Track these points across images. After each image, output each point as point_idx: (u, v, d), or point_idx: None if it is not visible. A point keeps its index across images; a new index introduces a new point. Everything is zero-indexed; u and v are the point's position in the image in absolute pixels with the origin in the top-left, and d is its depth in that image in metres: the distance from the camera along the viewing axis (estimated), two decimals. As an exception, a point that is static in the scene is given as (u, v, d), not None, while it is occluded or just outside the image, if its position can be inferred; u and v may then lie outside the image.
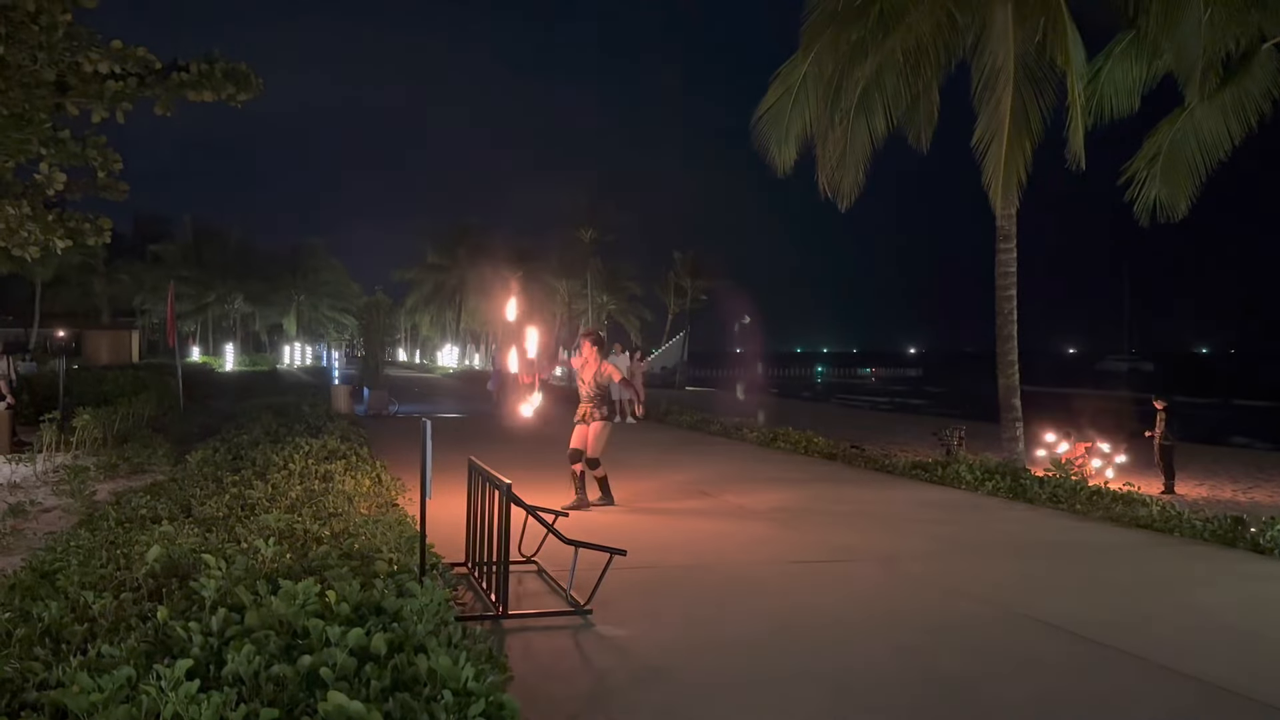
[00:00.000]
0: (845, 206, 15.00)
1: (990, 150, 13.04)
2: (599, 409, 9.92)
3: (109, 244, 10.98)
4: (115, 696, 3.06)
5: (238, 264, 63.97)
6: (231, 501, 7.01)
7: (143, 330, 61.29)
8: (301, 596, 3.92)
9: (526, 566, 6.96)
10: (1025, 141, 12.98)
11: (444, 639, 3.82)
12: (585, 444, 9.84)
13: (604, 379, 9.94)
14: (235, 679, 3.27)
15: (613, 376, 9.98)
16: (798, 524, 9.12)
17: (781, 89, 14.56)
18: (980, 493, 11.10)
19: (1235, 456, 22.87)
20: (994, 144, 12.98)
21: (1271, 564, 7.55)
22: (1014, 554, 7.95)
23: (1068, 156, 12.58)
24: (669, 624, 5.64)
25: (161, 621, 3.79)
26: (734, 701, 4.42)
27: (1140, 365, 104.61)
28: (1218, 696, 4.56)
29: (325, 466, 9.15)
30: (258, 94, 9.68)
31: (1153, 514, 9.16)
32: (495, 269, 64.16)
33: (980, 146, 13.25)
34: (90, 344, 54.07)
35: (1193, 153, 13.56)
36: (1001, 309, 14.33)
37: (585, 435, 9.86)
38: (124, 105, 9.14)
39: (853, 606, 6.14)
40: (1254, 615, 6.05)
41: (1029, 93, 13.08)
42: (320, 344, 78.23)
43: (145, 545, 5.04)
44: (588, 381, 9.97)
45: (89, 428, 13.96)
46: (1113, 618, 5.90)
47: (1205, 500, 14.73)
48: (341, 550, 5.33)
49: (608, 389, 10.04)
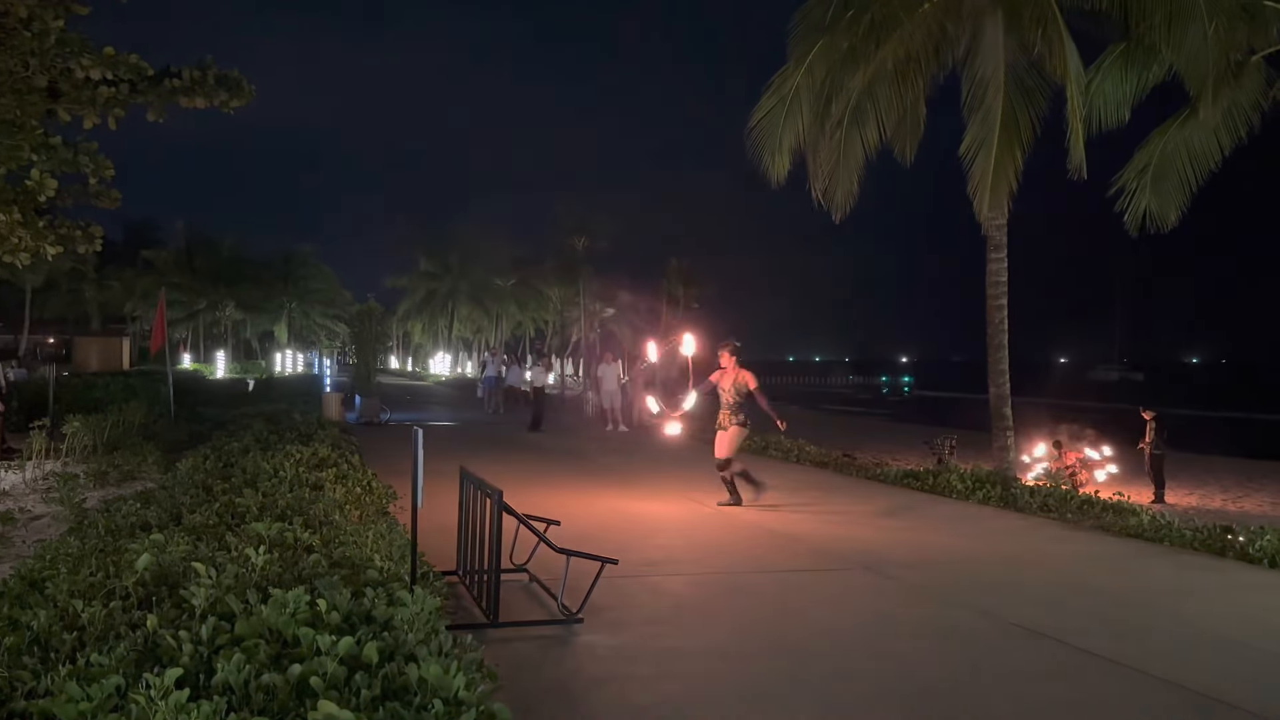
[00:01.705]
0: (840, 217, 15.03)
1: (978, 159, 13.07)
2: (735, 415, 10.57)
3: (100, 251, 10.94)
4: (104, 705, 3.04)
5: (229, 271, 63.80)
6: (222, 509, 6.97)
7: (134, 337, 61.04)
8: (292, 605, 3.90)
9: (518, 575, 6.95)
10: (1015, 150, 13.02)
11: (435, 648, 3.80)
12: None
13: (742, 386, 10.53)
14: (225, 688, 3.26)
15: (749, 384, 10.57)
16: (789, 531, 9.12)
17: (775, 99, 14.58)
18: (971, 502, 11.13)
19: (1225, 466, 22.97)
20: (982, 153, 13.02)
21: (1260, 573, 7.58)
22: (1002, 562, 7.97)
23: (1069, 166, 12.64)
24: (660, 633, 5.64)
25: (151, 630, 3.77)
26: (725, 712, 4.42)
27: (1130, 375, 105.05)
28: (1205, 706, 4.57)
29: (316, 474, 9.12)
30: (250, 100, 9.67)
31: (1143, 523, 9.19)
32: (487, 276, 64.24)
33: (968, 155, 13.29)
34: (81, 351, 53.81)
35: (1183, 164, 13.63)
36: (992, 318, 14.36)
37: (723, 440, 10.54)
38: (116, 112, 9.13)
39: (842, 614, 6.15)
40: (1242, 625, 6.07)
41: (1019, 102, 13.14)
42: (312, 351, 78.04)
43: (135, 553, 5.01)
44: (726, 389, 10.61)
45: (79, 435, 13.90)
46: (1102, 626, 5.92)
47: (1195, 510, 14.78)
48: (332, 559, 5.31)
49: (741, 399, 10.61)
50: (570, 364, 62.65)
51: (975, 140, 13.17)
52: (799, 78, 14.28)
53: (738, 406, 10.56)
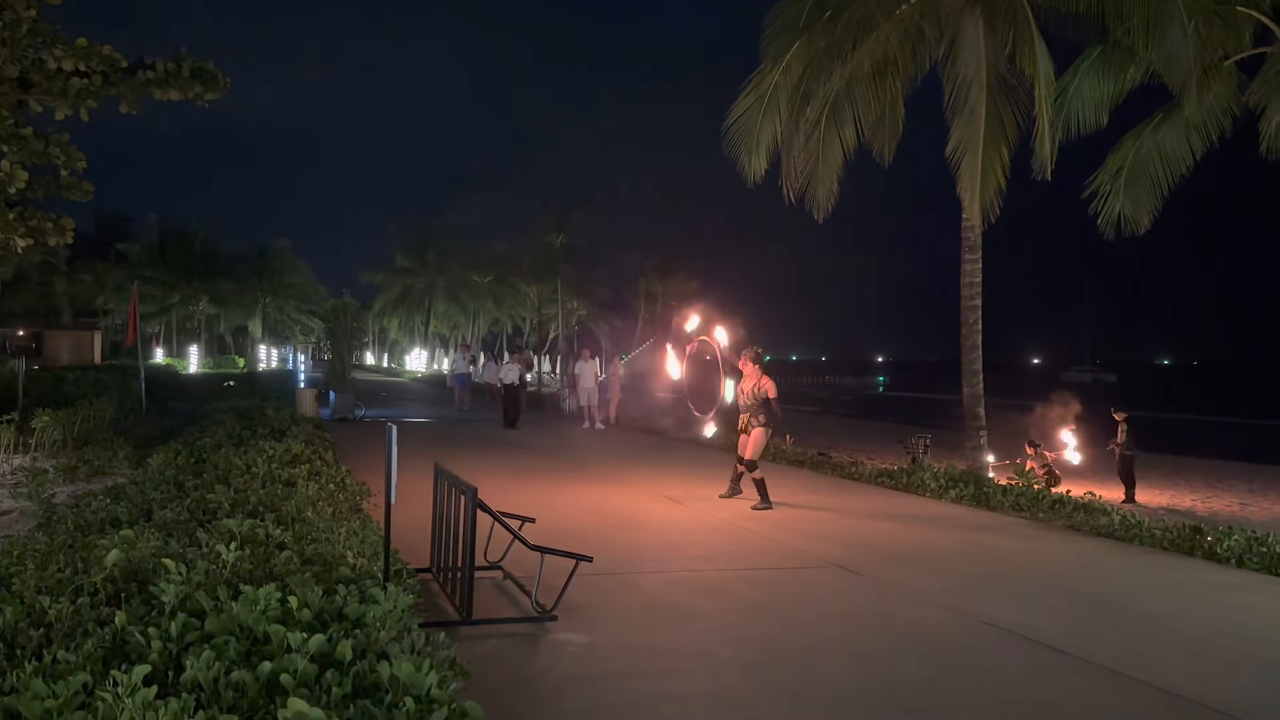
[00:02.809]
0: (822, 217, 15.07)
1: (965, 160, 13.15)
2: (756, 417, 10.76)
3: (71, 243, 10.82)
4: (70, 703, 3.01)
5: (203, 264, 63.20)
6: (193, 505, 6.92)
7: (105, 331, 60.40)
8: (263, 602, 3.88)
9: (492, 572, 6.94)
10: (1002, 149, 13.13)
11: (407, 645, 3.79)
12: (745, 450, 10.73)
13: (761, 392, 10.73)
14: (194, 685, 3.23)
15: (769, 391, 10.74)
16: (764, 530, 9.15)
17: (752, 98, 14.59)
18: (944, 500, 11.20)
19: (1195, 467, 23.23)
20: (969, 153, 13.09)
21: (1228, 573, 7.67)
22: (974, 561, 8.02)
23: (1034, 166, 12.73)
24: (634, 630, 5.65)
25: (119, 627, 3.73)
26: (697, 709, 4.43)
27: (1103, 376, 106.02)
28: (1175, 704, 4.63)
29: (289, 471, 9.06)
30: (224, 93, 9.60)
31: (1113, 523, 9.28)
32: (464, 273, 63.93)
33: (955, 157, 13.35)
34: (51, 344, 53.25)
35: (1156, 168, 13.77)
36: (966, 319, 14.46)
37: (745, 443, 10.78)
38: (88, 103, 9.04)
39: (815, 613, 6.17)
40: (1210, 623, 6.14)
41: (1003, 102, 13.23)
42: (286, 347, 77.46)
43: (104, 549, 4.96)
44: (747, 393, 10.84)
45: (48, 429, 13.75)
46: (1071, 625, 5.98)
47: (1165, 509, 14.95)
48: (304, 556, 5.28)
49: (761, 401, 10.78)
50: (548, 361, 62.50)
51: (961, 141, 13.24)
52: (776, 77, 14.30)
53: (757, 409, 10.77)
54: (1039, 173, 12.67)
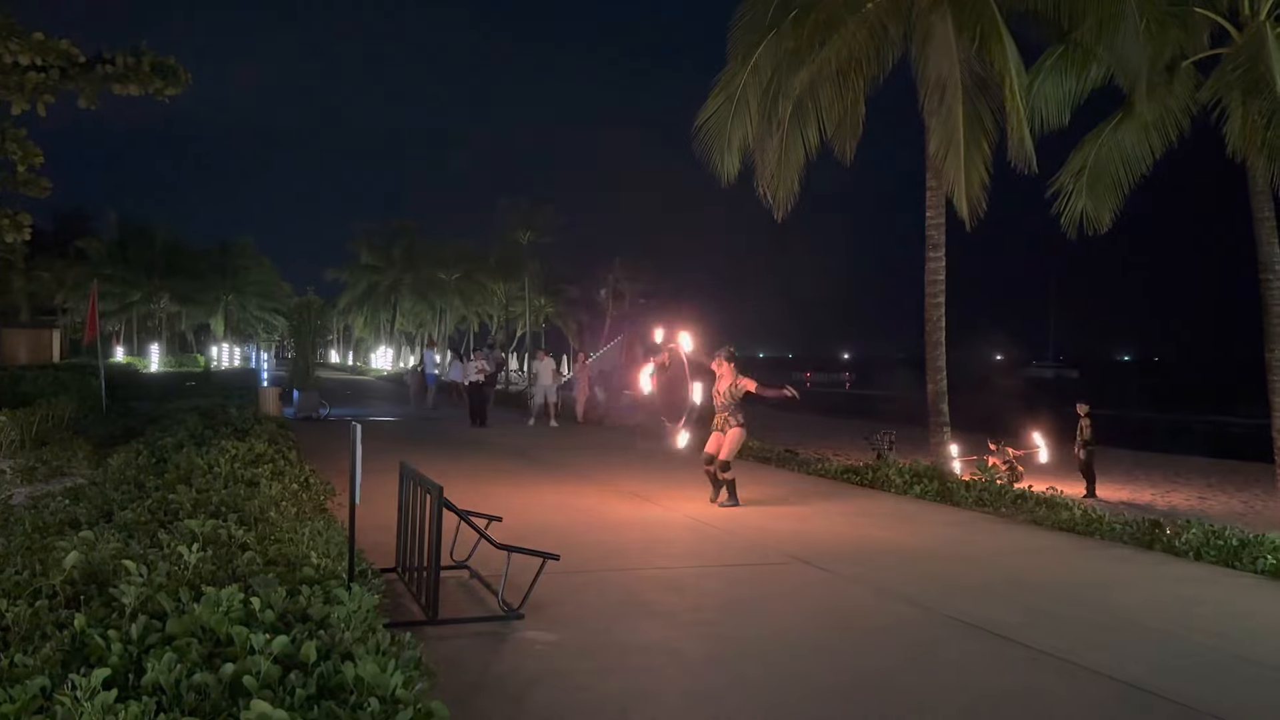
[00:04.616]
0: (781, 216, 15.13)
1: (949, 160, 13.27)
2: (733, 417, 10.71)
3: (29, 240, 10.65)
4: (28, 707, 2.97)
5: (165, 261, 62.38)
6: (154, 506, 6.83)
7: (64, 329, 59.45)
8: (225, 603, 3.84)
9: (459, 572, 6.91)
10: (983, 145, 13.29)
11: (372, 646, 3.77)
12: (719, 449, 10.62)
13: (738, 391, 10.70)
14: (155, 688, 3.20)
15: (747, 389, 10.71)
16: (731, 527, 9.18)
17: (722, 97, 14.60)
18: (909, 496, 11.29)
19: (1154, 461, 23.61)
20: (951, 153, 13.21)
21: (1186, 566, 7.80)
22: (939, 556, 8.09)
23: (1012, 161, 12.87)
24: (600, 628, 5.64)
25: (79, 629, 3.68)
26: (665, 707, 4.43)
27: (1065, 372, 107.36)
28: (1133, 696, 4.69)
29: (252, 470, 8.97)
30: (186, 88, 9.49)
31: (1075, 517, 9.40)
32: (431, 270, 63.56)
33: (938, 157, 13.48)
34: (8, 343, 52.30)
35: (1117, 167, 13.95)
36: (930, 316, 14.59)
37: (720, 442, 10.66)
38: (45, 98, 8.90)
39: (783, 608, 6.20)
40: (1169, 616, 6.23)
41: (979, 99, 13.37)
42: (249, 345, 76.63)
43: (63, 551, 4.89)
44: (722, 393, 10.80)
45: (5, 429, 13.52)
46: (1035, 618, 6.04)
47: (1126, 504, 15.17)
48: (267, 556, 5.23)
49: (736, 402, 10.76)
50: (515, 359, 62.32)
51: (942, 142, 13.35)
52: (746, 76, 14.34)
53: (735, 409, 10.74)
54: (1016, 162, 12.81)
